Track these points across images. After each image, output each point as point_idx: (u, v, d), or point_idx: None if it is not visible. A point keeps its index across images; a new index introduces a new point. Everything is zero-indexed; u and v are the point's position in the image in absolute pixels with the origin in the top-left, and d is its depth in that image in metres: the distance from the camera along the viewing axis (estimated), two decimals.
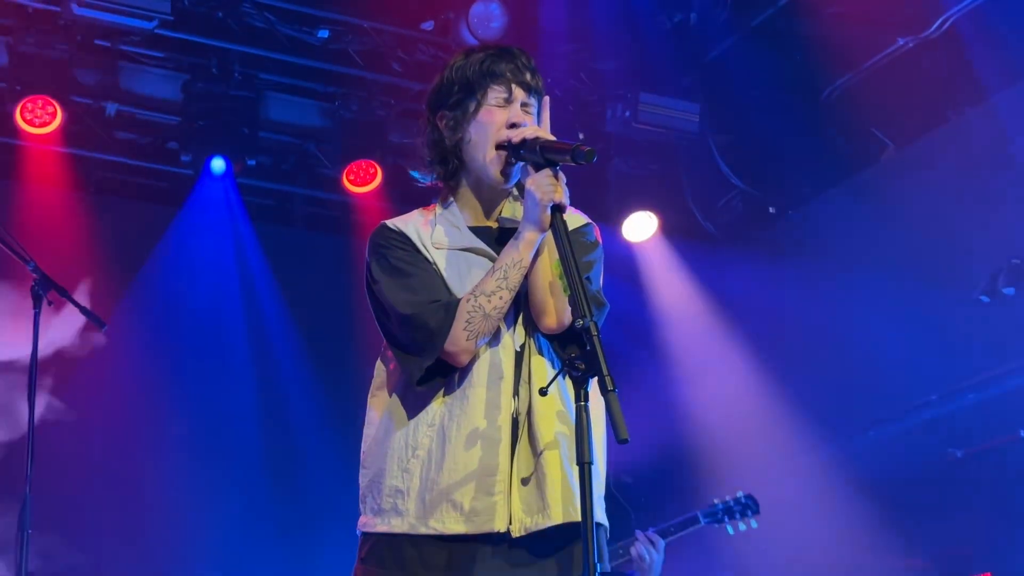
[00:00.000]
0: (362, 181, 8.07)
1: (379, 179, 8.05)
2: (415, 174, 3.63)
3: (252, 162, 7.86)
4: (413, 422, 3.34)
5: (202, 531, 7.78)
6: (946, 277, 7.19)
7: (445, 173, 3.52)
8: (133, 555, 7.57)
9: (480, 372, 3.32)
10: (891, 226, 7.57)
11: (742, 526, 6.26)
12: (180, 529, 7.73)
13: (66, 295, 5.19)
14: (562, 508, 3.22)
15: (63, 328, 5.50)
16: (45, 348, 5.14)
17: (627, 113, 8.11)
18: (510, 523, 3.24)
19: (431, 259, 3.42)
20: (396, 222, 3.53)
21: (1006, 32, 6.93)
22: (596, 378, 2.92)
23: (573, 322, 3.01)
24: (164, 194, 8.27)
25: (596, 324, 2.97)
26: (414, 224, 3.50)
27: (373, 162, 8.03)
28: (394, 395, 3.41)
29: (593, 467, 2.98)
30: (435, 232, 3.47)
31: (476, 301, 3.27)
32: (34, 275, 5.16)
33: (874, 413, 7.91)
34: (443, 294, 3.33)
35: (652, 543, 5.77)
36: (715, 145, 8.43)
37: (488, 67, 3.47)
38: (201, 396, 8.02)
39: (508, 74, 3.46)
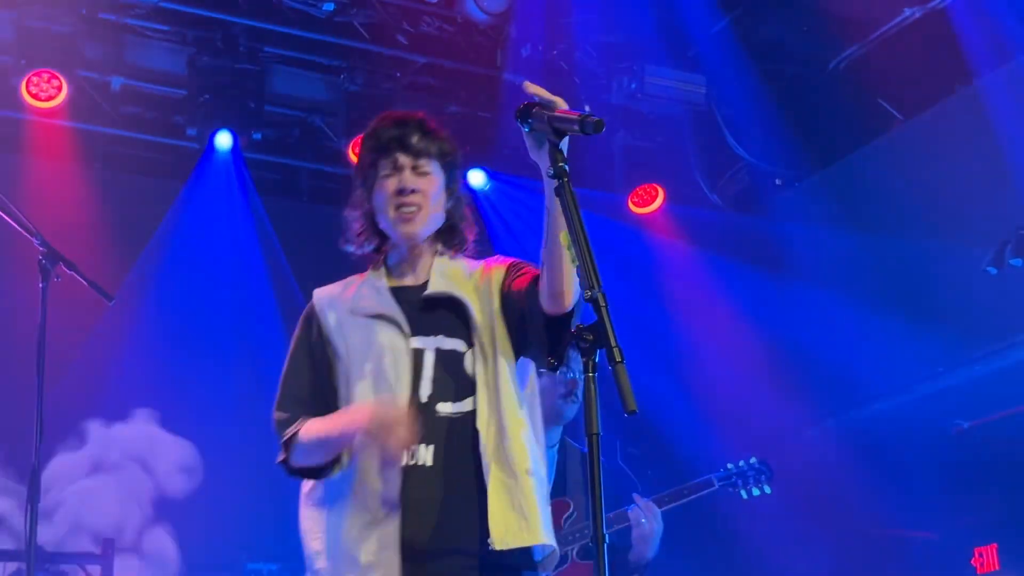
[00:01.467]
0: None
1: None
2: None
3: (258, 136, 7.85)
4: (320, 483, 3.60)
5: (210, 504, 7.80)
6: (953, 248, 7.19)
7: (366, 238, 3.76)
8: (143, 526, 7.59)
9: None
10: (897, 197, 7.56)
11: (756, 491, 6.16)
12: (189, 503, 7.75)
13: (74, 268, 5.18)
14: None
15: (71, 302, 5.49)
16: (53, 321, 5.13)
17: (633, 85, 8.10)
18: None
19: (332, 339, 3.59)
20: (320, 295, 3.75)
21: (1014, 1, 6.90)
22: (604, 350, 2.93)
23: (589, 293, 3.00)
24: (170, 168, 8.27)
25: (604, 295, 2.97)
26: (338, 295, 3.71)
27: None
28: None
29: (532, 476, 3.35)
30: (355, 298, 3.66)
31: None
32: (41, 248, 5.16)
33: (880, 384, 7.91)
34: (301, 399, 3.62)
35: (649, 511, 5.73)
36: (721, 117, 8.41)
37: (375, 141, 3.66)
38: (208, 369, 8.04)
39: (393, 143, 3.61)
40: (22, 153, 7.66)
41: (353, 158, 8.03)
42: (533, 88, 3.26)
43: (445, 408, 3.48)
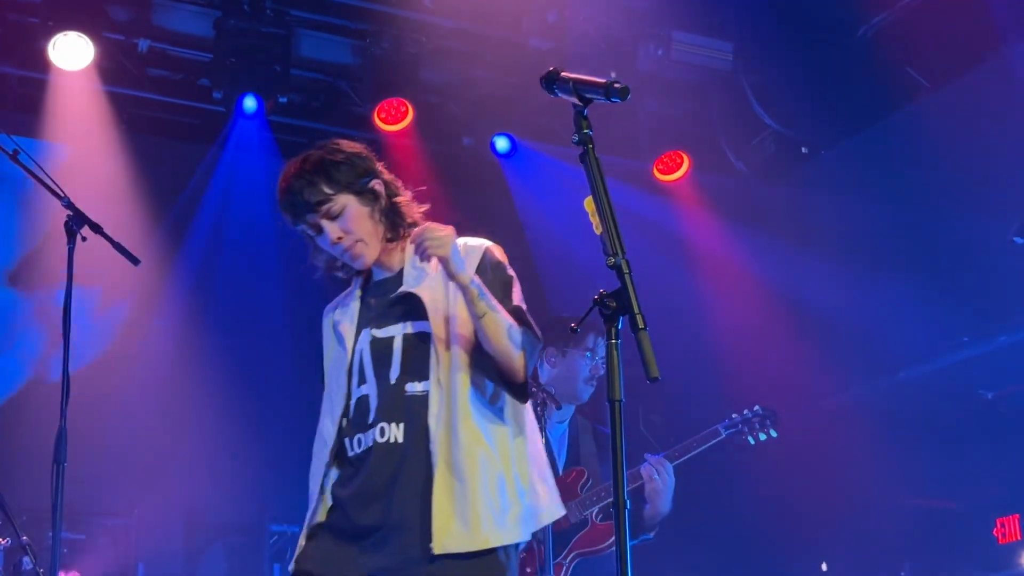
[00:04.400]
0: (393, 119, 8.06)
1: (410, 117, 8.05)
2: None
3: (284, 100, 7.85)
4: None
5: (234, 463, 7.85)
6: (980, 218, 7.15)
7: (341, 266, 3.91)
8: (166, 487, 7.65)
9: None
10: (924, 166, 7.52)
11: (762, 435, 6.16)
12: (213, 463, 7.80)
13: (100, 231, 5.19)
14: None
15: (96, 264, 5.51)
16: (79, 283, 5.15)
17: (660, 51, 8.07)
18: None
19: (329, 355, 3.91)
20: (326, 311, 4.02)
21: None
22: (627, 316, 2.93)
23: (612, 260, 3.01)
24: (196, 131, 8.28)
25: (627, 262, 2.97)
26: (334, 308, 3.97)
27: (404, 100, 8.02)
28: None
29: (482, 473, 3.51)
30: (338, 310, 3.93)
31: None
32: (68, 211, 5.17)
33: (905, 354, 7.90)
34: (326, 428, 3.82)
35: (661, 466, 5.80)
36: (748, 84, 8.37)
37: (286, 217, 3.82)
38: (233, 333, 8.08)
39: (295, 212, 3.77)
40: (49, 115, 7.68)
41: (379, 123, 8.03)
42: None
43: (413, 387, 3.63)
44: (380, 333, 3.72)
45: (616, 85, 3.11)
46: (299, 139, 8.54)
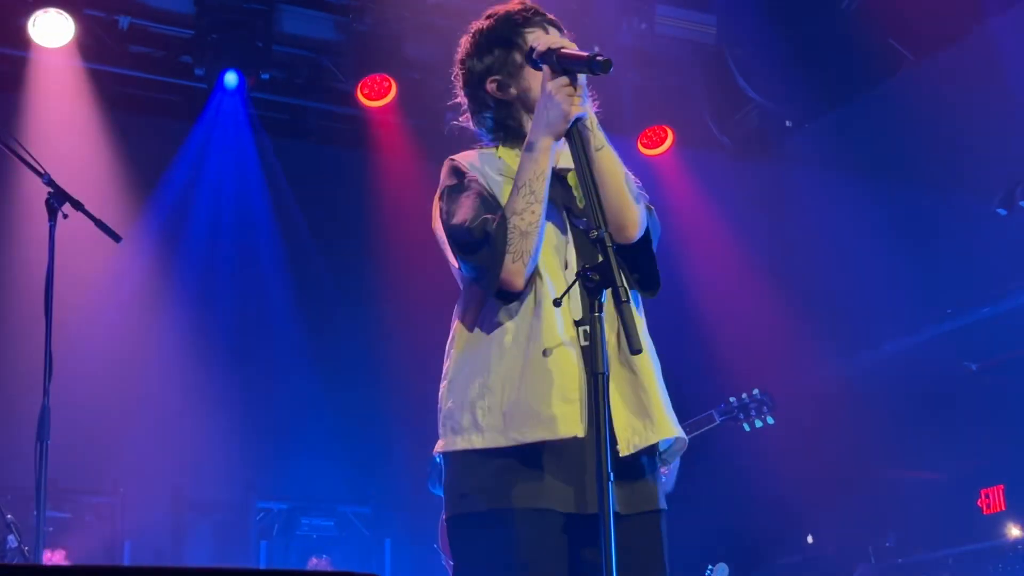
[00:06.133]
0: (377, 95, 8.03)
1: (393, 93, 8.02)
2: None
3: (266, 76, 7.82)
4: (494, 341, 3.25)
5: (220, 440, 7.85)
6: (963, 190, 7.16)
7: (507, 133, 3.49)
8: (152, 465, 7.65)
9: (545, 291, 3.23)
10: (908, 139, 7.53)
11: (758, 423, 6.08)
12: (199, 440, 7.80)
13: (81, 208, 5.17)
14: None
15: (78, 241, 5.49)
16: (60, 261, 5.13)
17: (643, 25, 8.05)
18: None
19: (488, 186, 3.35)
20: (459, 159, 3.48)
21: None
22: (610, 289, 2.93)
23: (595, 232, 2.97)
24: (178, 108, 8.25)
25: (610, 235, 2.97)
26: (478, 159, 3.47)
27: (387, 76, 7.99)
28: (474, 315, 3.32)
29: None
30: (495, 166, 3.43)
31: (510, 222, 3.19)
32: (49, 188, 5.15)
33: (889, 326, 7.92)
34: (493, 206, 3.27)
35: None
36: (732, 58, 8.36)
37: (522, 22, 3.51)
38: (220, 309, 8.07)
39: (537, 23, 3.49)
40: (29, 92, 7.64)
41: (362, 99, 7.99)
42: (546, 41, 3.27)
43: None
44: (580, 224, 3.35)
45: (599, 58, 3.11)
46: (281, 115, 8.53)
